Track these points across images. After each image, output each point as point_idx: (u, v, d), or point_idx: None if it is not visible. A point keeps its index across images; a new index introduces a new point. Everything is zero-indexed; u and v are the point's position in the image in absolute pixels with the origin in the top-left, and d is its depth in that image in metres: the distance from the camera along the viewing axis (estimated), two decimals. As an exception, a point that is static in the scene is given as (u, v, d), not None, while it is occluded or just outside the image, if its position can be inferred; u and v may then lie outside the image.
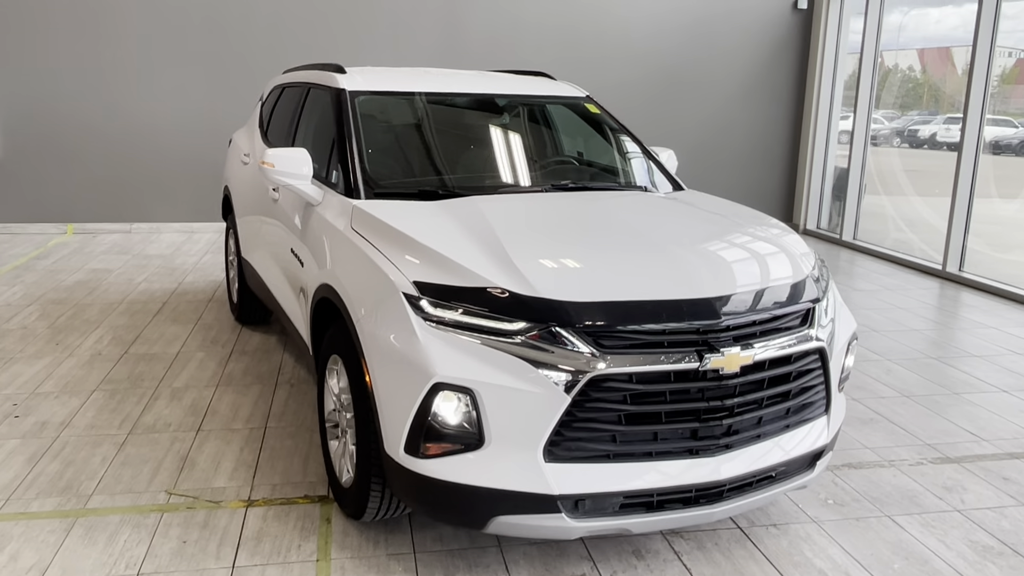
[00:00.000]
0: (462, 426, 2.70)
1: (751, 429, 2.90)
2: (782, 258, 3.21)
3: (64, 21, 8.74)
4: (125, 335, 5.59)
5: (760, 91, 10.33)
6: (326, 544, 3.16)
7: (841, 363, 3.24)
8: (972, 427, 4.43)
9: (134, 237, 9.09)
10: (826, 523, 3.40)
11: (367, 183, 3.64)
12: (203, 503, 3.45)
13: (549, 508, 2.69)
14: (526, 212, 3.44)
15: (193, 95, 9.11)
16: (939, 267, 8.21)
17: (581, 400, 2.65)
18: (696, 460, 2.80)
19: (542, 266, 2.84)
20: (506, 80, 4.63)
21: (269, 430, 4.16)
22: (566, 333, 2.66)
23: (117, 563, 3.00)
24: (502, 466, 2.68)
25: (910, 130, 10.95)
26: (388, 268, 2.93)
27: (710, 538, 3.27)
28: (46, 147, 8.96)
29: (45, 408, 4.35)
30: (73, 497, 3.46)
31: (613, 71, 9.92)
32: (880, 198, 10.24)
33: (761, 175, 10.59)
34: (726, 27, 10.08)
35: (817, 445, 3.08)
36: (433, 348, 2.70)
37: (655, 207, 3.70)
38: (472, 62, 9.29)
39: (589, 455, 2.71)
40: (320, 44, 9.22)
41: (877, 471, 3.89)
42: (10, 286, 6.79)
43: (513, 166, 4.09)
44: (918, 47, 10.61)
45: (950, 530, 3.37)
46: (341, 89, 4.12)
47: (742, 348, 2.76)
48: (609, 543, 3.20)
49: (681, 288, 2.82)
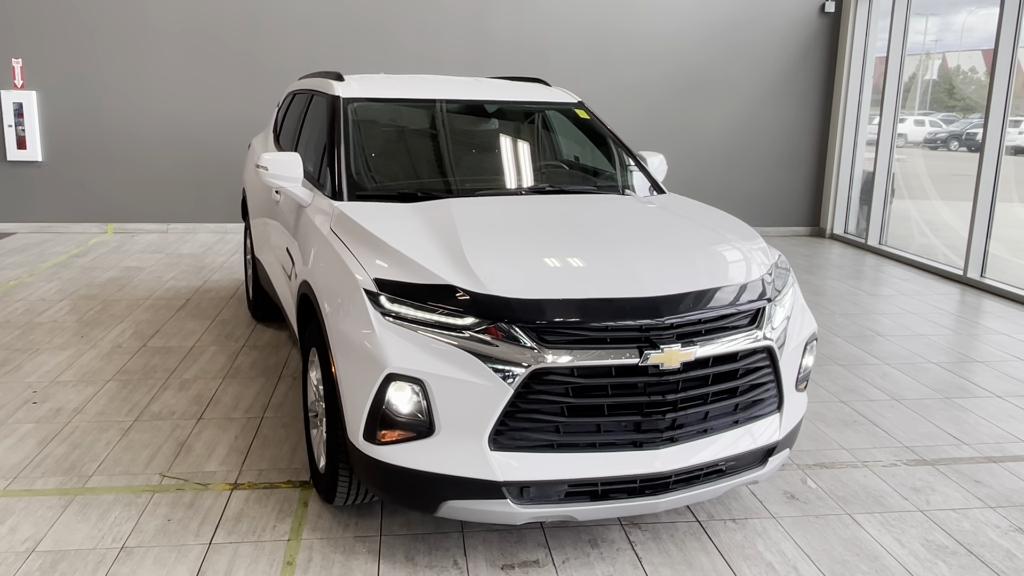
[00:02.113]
0: (414, 415, 2.87)
1: (697, 424, 3.02)
2: (735, 261, 3.31)
3: (107, 29, 9.16)
4: (146, 329, 5.89)
5: (787, 94, 10.31)
6: (299, 526, 3.36)
7: (798, 363, 3.33)
8: (956, 431, 4.45)
9: (170, 237, 9.48)
10: (784, 519, 3.48)
11: (351, 186, 3.84)
12: (192, 485, 3.68)
13: (495, 494, 2.84)
14: (493, 214, 3.60)
15: (229, 100, 9.46)
16: (960, 272, 8.12)
17: (524, 392, 2.79)
18: (640, 452, 2.93)
19: (493, 265, 3.00)
20: (498, 87, 4.79)
21: (265, 420, 4.38)
22: (511, 328, 2.81)
23: (105, 537, 3.24)
24: (451, 453, 2.85)
25: (968, 134, 10.77)
26: (354, 266, 3.12)
27: (667, 530, 3.38)
28: (89, 150, 9.39)
29: (62, 396, 4.64)
30: (75, 477, 3.72)
31: (639, 73, 10.01)
32: (932, 203, 10.11)
33: (787, 178, 10.56)
34: (753, 30, 10.09)
35: (768, 441, 3.17)
36: (388, 341, 2.87)
37: (623, 210, 3.82)
38: (499, 67, 9.47)
39: (534, 444, 2.85)
40: (350, 51, 9.50)
41: (848, 471, 3.95)
42: (48, 282, 7.18)
43: (493, 170, 4.26)
44: (985, 48, 10.41)
45: (908, 529, 3.43)
46: (336, 96, 4.33)
47: (683, 345, 2.88)
48: (567, 531, 3.34)
49: (626, 287, 2.95)
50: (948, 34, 9.70)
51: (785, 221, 10.68)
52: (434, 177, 4.17)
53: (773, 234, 10.56)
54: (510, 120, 4.65)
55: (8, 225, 9.41)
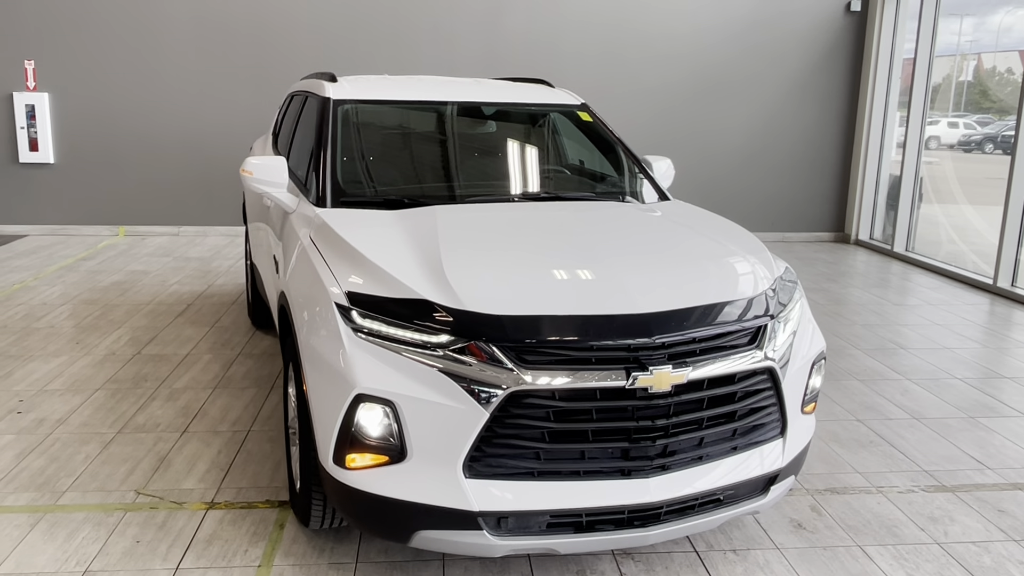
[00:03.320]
0: (385, 438, 2.68)
1: (691, 450, 2.80)
2: (734, 275, 3.08)
3: (119, 32, 9.10)
4: (142, 336, 5.77)
5: (811, 96, 10.02)
6: (272, 550, 3.18)
7: (803, 384, 3.10)
8: (979, 454, 4.18)
9: (180, 240, 9.40)
10: (789, 550, 3.25)
11: (335, 192, 3.67)
12: (167, 504, 3.52)
13: (470, 525, 2.65)
14: (480, 223, 3.41)
15: (240, 103, 9.36)
16: (990, 281, 7.79)
17: (501, 416, 2.60)
18: (628, 481, 2.72)
19: (472, 279, 2.81)
20: (498, 88, 4.60)
21: (251, 434, 4.23)
22: (488, 347, 2.62)
23: (69, 560, 3.09)
24: (424, 480, 2.66)
25: (1004, 136, 10.40)
26: (327, 278, 2.94)
27: (662, 561, 3.17)
28: (100, 152, 9.34)
29: (47, 405, 4.52)
30: (48, 493, 3.58)
31: (656, 75, 9.77)
32: (963, 208, 9.77)
33: (810, 183, 10.26)
34: (774, 30, 9.81)
35: (770, 469, 2.95)
36: (358, 359, 2.69)
37: (620, 220, 3.61)
38: (513, 68, 9.29)
39: (512, 472, 2.66)
40: (363, 54, 9.36)
41: (861, 497, 3.70)
42: (51, 286, 7.10)
43: (486, 175, 4.06)
44: (1023, 48, 10.05)
45: (923, 564, 3.18)
46: (327, 98, 4.16)
47: (675, 367, 2.67)
48: (553, 561, 3.13)
49: (614, 304, 2.74)
50: (984, 34, 9.37)
51: (808, 227, 10.38)
52: (423, 183, 3.99)
53: (795, 240, 10.27)
54: (508, 123, 4.46)
55: (20, 227, 9.38)
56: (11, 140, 9.15)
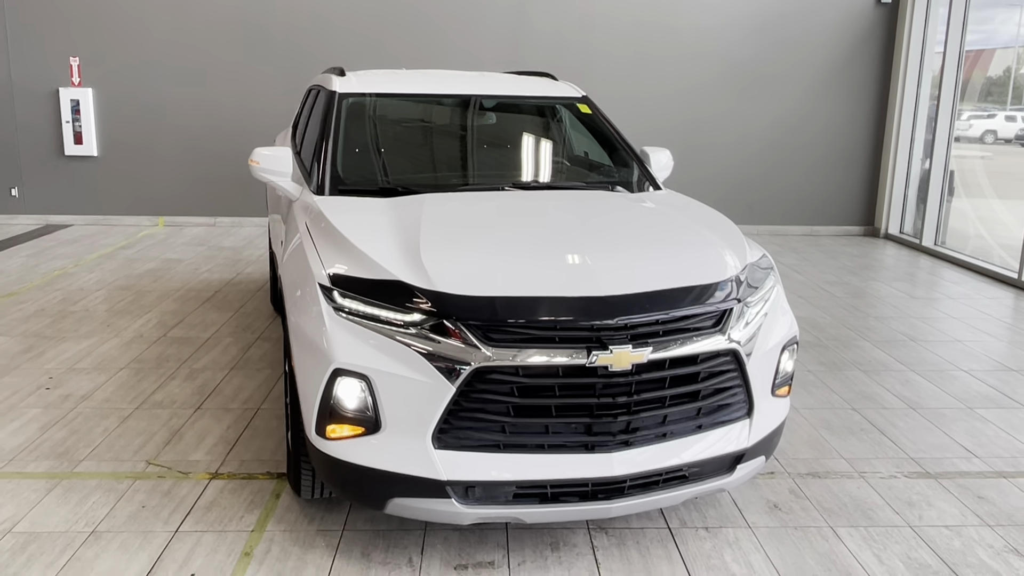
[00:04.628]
0: (361, 411, 2.85)
1: (654, 427, 2.92)
2: (704, 260, 3.18)
3: (159, 28, 9.44)
4: (170, 320, 6.05)
5: (840, 88, 9.95)
6: (266, 517, 3.38)
7: (773, 367, 3.19)
8: (970, 443, 4.20)
9: (216, 230, 9.73)
10: (760, 529, 3.35)
11: (333, 180, 3.85)
12: (174, 473, 3.75)
13: (439, 493, 2.81)
14: (465, 210, 3.56)
15: (275, 96, 9.63)
16: (1015, 275, 7.70)
17: (468, 391, 2.75)
18: (592, 455, 2.85)
19: (445, 261, 2.96)
20: (501, 81, 4.74)
21: (261, 411, 4.45)
22: (455, 326, 2.77)
23: (79, 521, 3.33)
24: (396, 450, 2.82)
25: None
26: (314, 261, 3.12)
27: (634, 535, 3.29)
28: (141, 145, 9.71)
29: (74, 382, 4.80)
30: (66, 461, 3.83)
31: (683, 68, 9.80)
32: (1009, 203, 9.63)
33: (840, 176, 10.19)
34: (804, 22, 9.76)
35: (735, 448, 3.05)
36: (337, 336, 2.87)
37: (603, 207, 3.73)
38: (539, 62, 9.38)
39: (479, 444, 2.81)
40: (392, 47, 9.57)
41: (842, 481, 3.77)
42: (90, 272, 7.45)
43: (479, 165, 4.21)
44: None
45: (892, 545, 3.25)
46: (332, 91, 4.35)
47: (635, 347, 2.79)
48: (529, 533, 3.28)
49: (579, 286, 2.87)
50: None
51: (837, 220, 10.31)
52: (419, 172, 4.15)
53: (824, 233, 10.21)
54: (509, 115, 4.60)
55: (66, 217, 9.80)
56: (57, 134, 9.56)
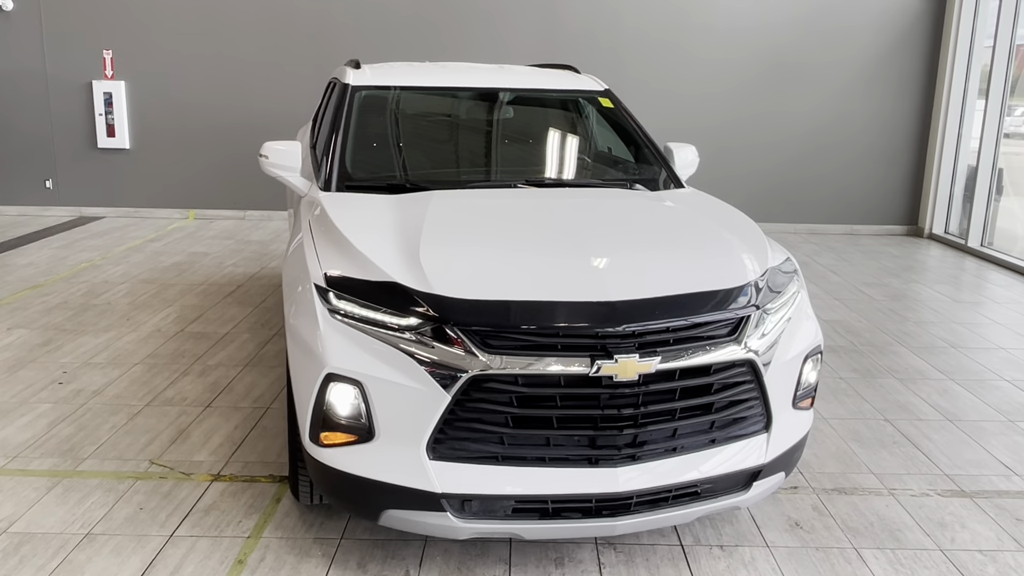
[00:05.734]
0: (354, 418, 2.73)
1: (664, 441, 2.76)
2: (719, 264, 3.00)
3: (191, 24, 9.45)
4: (189, 314, 6.01)
5: (882, 82, 9.60)
6: (264, 523, 3.29)
7: (794, 378, 3.00)
8: (1010, 460, 3.96)
9: (245, 224, 9.72)
10: (779, 549, 3.16)
11: (340, 176, 3.74)
12: (176, 474, 3.67)
13: (433, 506, 2.68)
14: (471, 209, 3.41)
15: (304, 89, 9.57)
16: (1066, 280, 7.35)
17: (464, 400, 2.61)
18: (596, 469, 2.70)
19: (445, 263, 2.83)
20: (520, 74, 4.59)
21: (270, 411, 4.36)
22: (452, 331, 2.63)
23: (76, 522, 3.26)
24: (390, 460, 2.70)
25: None
26: (311, 260, 3.01)
27: (644, 553, 3.13)
28: (173, 138, 9.73)
29: (87, 377, 4.76)
30: (69, 459, 3.78)
31: (719, 59, 9.53)
32: None
33: (882, 174, 9.85)
34: (846, 13, 9.43)
35: (752, 464, 2.87)
36: (331, 339, 2.75)
37: (617, 207, 3.55)
38: (571, 54, 9.20)
39: (476, 456, 2.67)
40: (422, 39, 9.46)
41: (869, 499, 3.56)
42: (116, 265, 7.46)
43: (492, 161, 4.06)
44: None
45: (920, 571, 3.05)
46: (346, 84, 4.24)
47: (642, 356, 2.62)
48: (534, 547, 3.13)
49: (584, 291, 2.72)
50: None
51: (879, 219, 9.97)
52: (429, 168, 4.02)
53: (864, 233, 9.88)
54: (526, 109, 4.44)
55: (98, 209, 9.87)
56: (90, 126, 9.62)
